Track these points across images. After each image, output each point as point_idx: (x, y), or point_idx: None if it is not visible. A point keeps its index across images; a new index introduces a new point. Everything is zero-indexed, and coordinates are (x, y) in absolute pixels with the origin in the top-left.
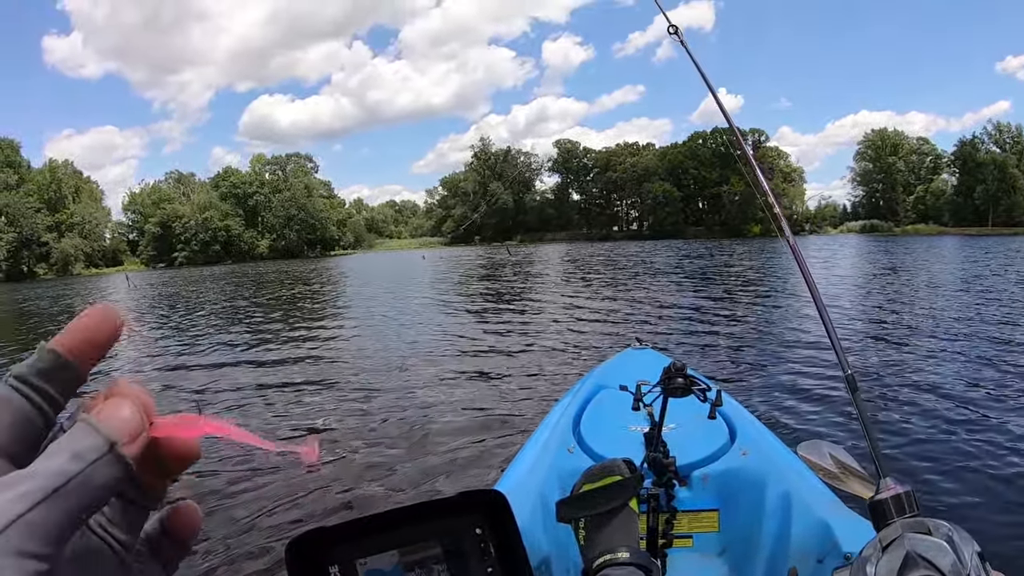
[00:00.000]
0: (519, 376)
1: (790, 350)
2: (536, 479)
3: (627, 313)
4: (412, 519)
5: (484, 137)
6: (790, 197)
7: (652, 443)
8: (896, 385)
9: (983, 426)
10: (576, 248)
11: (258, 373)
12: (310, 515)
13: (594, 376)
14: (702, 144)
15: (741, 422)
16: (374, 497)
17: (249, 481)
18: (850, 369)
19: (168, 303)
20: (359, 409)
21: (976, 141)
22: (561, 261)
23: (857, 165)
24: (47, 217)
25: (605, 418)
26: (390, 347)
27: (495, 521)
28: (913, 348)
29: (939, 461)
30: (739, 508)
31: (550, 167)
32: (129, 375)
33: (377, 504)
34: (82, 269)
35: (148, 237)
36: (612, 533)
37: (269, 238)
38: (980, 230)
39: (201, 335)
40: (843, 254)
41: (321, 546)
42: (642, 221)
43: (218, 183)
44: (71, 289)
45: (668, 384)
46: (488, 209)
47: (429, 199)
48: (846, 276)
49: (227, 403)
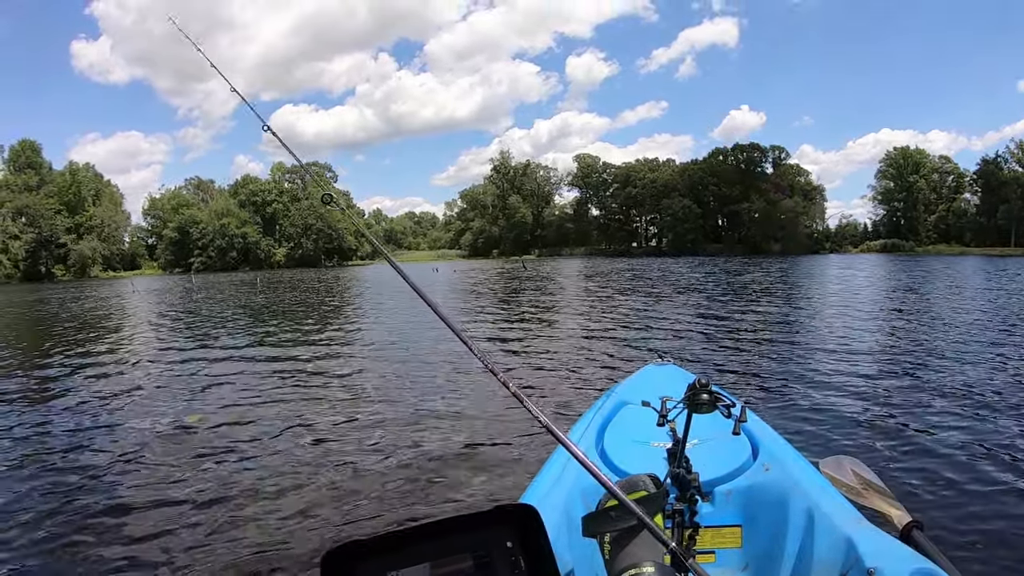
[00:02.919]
0: (540, 390)
1: (813, 367)
2: (560, 494)
3: (649, 328)
4: (444, 532)
5: (504, 151)
6: (810, 215)
7: (675, 459)
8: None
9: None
10: (594, 263)
11: (278, 381)
12: (340, 528)
13: (617, 392)
14: (722, 161)
15: (764, 438)
16: (401, 511)
17: (283, 493)
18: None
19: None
20: (383, 422)
21: (999, 160)
22: (580, 276)
23: (878, 183)
24: (66, 219)
25: (628, 434)
26: (408, 359)
27: (526, 535)
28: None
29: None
30: (762, 524)
31: (570, 181)
32: None
33: (404, 518)
34: (99, 272)
35: (166, 242)
36: (637, 548)
37: (286, 246)
38: (1003, 250)
39: (213, 341)
40: (864, 274)
41: (355, 558)
42: (661, 237)
43: (237, 190)
44: (82, 293)
45: (694, 400)
46: (506, 223)
47: (448, 211)
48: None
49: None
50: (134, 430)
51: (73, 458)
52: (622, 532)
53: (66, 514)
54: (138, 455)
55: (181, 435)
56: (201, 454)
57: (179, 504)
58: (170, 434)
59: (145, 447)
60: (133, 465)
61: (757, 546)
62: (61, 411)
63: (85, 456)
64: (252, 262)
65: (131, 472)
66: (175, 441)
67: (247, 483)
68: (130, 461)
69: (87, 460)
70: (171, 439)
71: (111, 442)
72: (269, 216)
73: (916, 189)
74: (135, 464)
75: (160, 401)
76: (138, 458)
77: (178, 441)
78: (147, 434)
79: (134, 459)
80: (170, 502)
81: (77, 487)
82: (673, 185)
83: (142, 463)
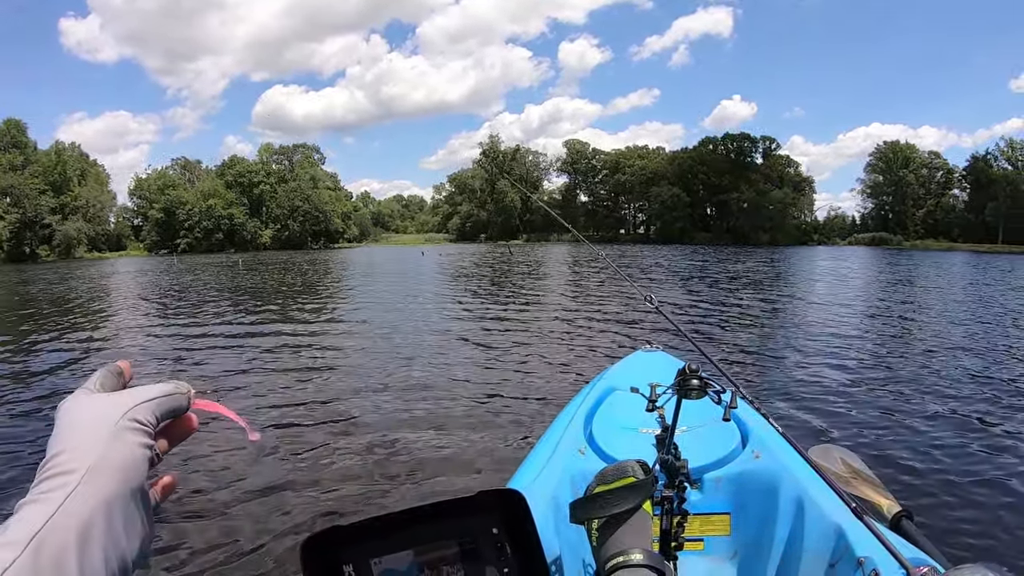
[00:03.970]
0: (529, 377)
1: (802, 354)
2: (548, 481)
3: (637, 315)
4: (428, 519)
5: (493, 135)
6: (799, 207)
7: (664, 445)
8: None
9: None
10: (582, 249)
11: (259, 362)
12: (324, 513)
13: (605, 378)
14: (712, 150)
15: (754, 425)
16: (385, 496)
17: (263, 477)
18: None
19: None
20: (368, 407)
21: (989, 157)
22: (567, 263)
23: (867, 177)
24: (51, 199)
25: (617, 420)
26: (396, 346)
27: (512, 521)
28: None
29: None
30: (751, 512)
31: (559, 167)
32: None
33: (389, 504)
34: (85, 252)
35: (152, 223)
36: (625, 535)
37: (273, 228)
38: (991, 247)
39: (203, 321)
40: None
41: (336, 545)
42: (649, 225)
43: (224, 171)
44: (69, 272)
45: (683, 385)
46: (495, 207)
47: (436, 195)
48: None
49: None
50: None
51: (42, 444)
52: (610, 519)
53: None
54: None
55: None
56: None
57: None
58: None
59: None
60: None
61: (746, 534)
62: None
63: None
64: (238, 244)
65: None
66: None
67: (225, 468)
68: None
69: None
70: None
71: None
72: (256, 197)
73: (905, 184)
74: None
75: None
76: None
77: None
78: None
79: None
80: None
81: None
82: (662, 173)
83: None
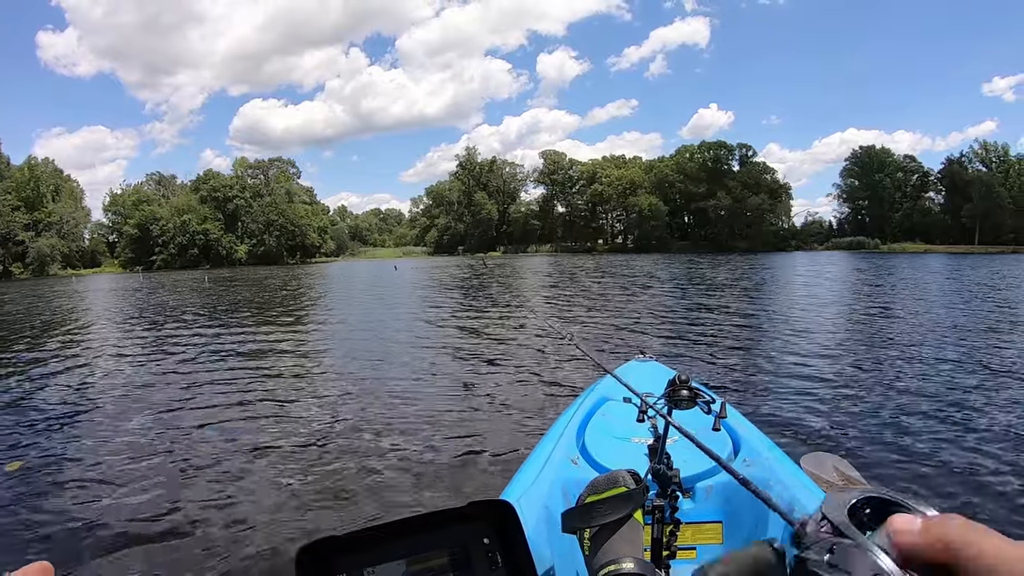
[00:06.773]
0: (523, 388)
1: (790, 362)
2: (540, 490)
3: (629, 325)
4: (420, 529)
5: (470, 147)
6: (776, 213)
7: (656, 455)
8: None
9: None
10: (560, 261)
11: (240, 382)
12: (317, 525)
13: (598, 388)
14: (689, 158)
15: (744, 434)
16: (378, 507)
17: (256, 490)
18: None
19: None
20: (358, 420)
21: (963, 160)
22: (547, 274)
23: (843, 182)
24: (24, 215)
25: (610, 430)
26: (385, 358)
27: (503, 531)
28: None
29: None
30: (742, 520)
31: (536, 178)
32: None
33: (381, 515)
34: (59, 270)
35: (126, 239)
36: (617, 544)
37: (248, 243)
38: (968, 248)
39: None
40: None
41: (330, 554)
42: (627, 234)
43: (198, 186)
44: (39, 291)
45: (673, 396)
46: (472, 220)
47: (414, 208)
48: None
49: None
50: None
51: None
52: (601, 528)
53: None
54: (93, 462)
55: (137, 440)
56: (154, 452)
57: (139, 508)
58: (126, 440)
59: (98, 453)
60: (91, 471)
61: (738, 542)
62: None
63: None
64: (213, 259)
65: (89, 480)
66: (129, 446)
67: (216, 483)
68: (91, 467)
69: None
70: (126, 444)
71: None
72: (231, 212)
73: (881, 188)
74: (93, 469)
75: (108, 406)
76: (92, 466)
77: (133, 448)
78: (101, 439)
79: (94, 467)
80: (129, 506)
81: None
82: (640, 183)
83: (96, 471)
